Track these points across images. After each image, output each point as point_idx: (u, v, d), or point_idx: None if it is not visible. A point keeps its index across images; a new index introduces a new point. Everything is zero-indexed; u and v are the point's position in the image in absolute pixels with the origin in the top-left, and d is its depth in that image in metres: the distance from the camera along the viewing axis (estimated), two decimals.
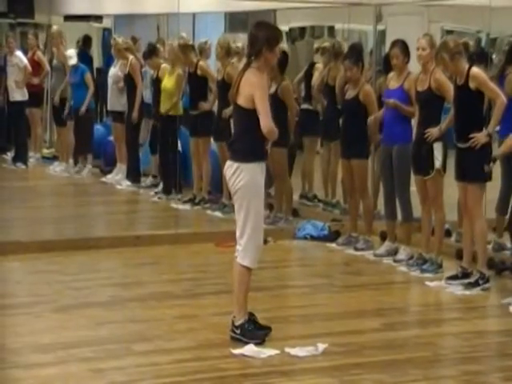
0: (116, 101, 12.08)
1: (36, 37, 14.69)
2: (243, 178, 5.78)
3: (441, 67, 7.37)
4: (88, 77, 12.59)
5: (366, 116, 8.52)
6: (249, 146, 5.80)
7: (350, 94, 8.61)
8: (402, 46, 8.08)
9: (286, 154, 9.41)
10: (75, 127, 12.81)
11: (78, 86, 12.62)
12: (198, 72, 10.52)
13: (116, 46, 11.92)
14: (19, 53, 13.82)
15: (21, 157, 13.69)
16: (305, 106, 10.61)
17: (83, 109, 12.47)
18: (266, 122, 5.72)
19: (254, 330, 5.79)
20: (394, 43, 8.17)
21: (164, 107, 10.88)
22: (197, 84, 10.57)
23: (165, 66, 11.36)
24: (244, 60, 6.03)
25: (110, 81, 12.18)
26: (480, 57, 8.78)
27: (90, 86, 12.55)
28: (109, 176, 12.35)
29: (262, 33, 5.81)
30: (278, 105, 9.06)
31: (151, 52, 11.44)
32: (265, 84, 5.82)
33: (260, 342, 5.71)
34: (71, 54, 12.94)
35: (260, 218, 5.84)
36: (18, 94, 13.58)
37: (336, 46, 10.27)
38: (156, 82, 11.36)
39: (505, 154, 7.37)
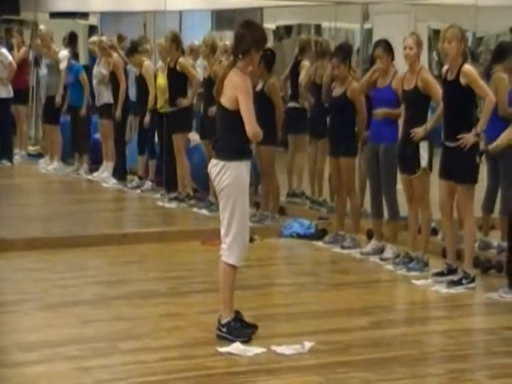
0: (103, 95, 12.03)
1: (21, 34, 14.63)
2: (228, 176, 5.77)
3: (445, 55, 7.24)
4: (83, 76, 12.49)
5: (353, 113, 8.53)
6: (233, 145, 5.79)
7: (337, 91, 8.61)
8: (385, 45, 8.09)
9: (273, 151, 9.41)
10: (72, 126, 12.76)
11: (73, 85, 12.58)
12: (178, 68, 10.49)
13: (100, 44, 11.91)
14: (4, 50, 13.76)
15: (6, 154, 13.64)
16: (292, 104, 10.60)
17: (83, 111, 12.42)
18: (251, 127, 5.71)
19: (240, 329, 5.79)
20: (377, 44, 8.22)
21: (159, 104, 10.92)
22: (176, 80, 10.50)
23: (148, 63, 11.36)
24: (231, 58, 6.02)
25: (94, 80, 12.14)
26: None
27: (85, 85, 12.46)
28: (95, 174, 12.33)
29: (249, 33, 5.79)
30: (264, 102, 9.07)
31: (133, 49, 11.42)
32: (249, 86, 5.79)
33: (246, 340, 5.71)
34: (62, 57, 12.88)
35: (245, 216, 5.83)
36: (3, 91, 13.52)
37: (323, 44, 10.28)
38: (140, 80, 11.33)
39: (499, 148, 7.28)
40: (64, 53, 13.13)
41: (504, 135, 7.19)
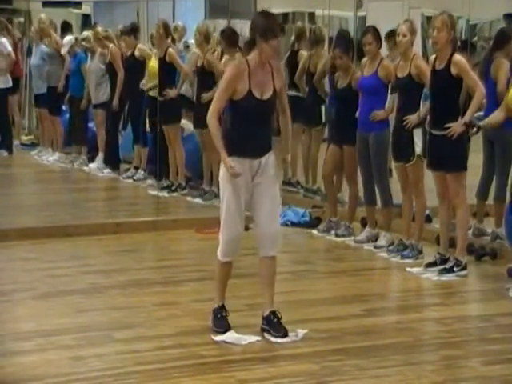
0: (100, 94, 11.94)
1: (12, 23, 14.56)
2: (220, 170, 5.70)
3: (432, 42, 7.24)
4: (85, 66, 12.26)
5: (357, 103, 8.48)
6: (226, 140, 5.64)
7: (341, 83, 8.54)
8: (374, 32, 8.10)
9: None
10: (70, 117, 12.67)
11: (74, 74, 12.42)
12: (167, 58, 10.43)
13: (96, 36, 11.81)
14: (4, 40, 13.66)
15: (5, 144, 13.59)
16: (293, 92, 10.51)
17: (84, 103, 12.24)
18: (209, 111, 5.62)
19: (221, 319, 5.71)
20: (366, 30, 8.23)
21: (146, 86, 10.94)
22: (165, 70, 10.43)
23: (140, 46, 11.31)
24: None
25: (92, 76, 11.96)
26: (462, 44, 8.80)
27: (85, 76, 12.21)
28: (90, 164, 12.28)
29: (253, 23, 5.64)
30: None
31: (132, 30, 11.35)
32: (227, 74, 5.62)
33: (220, 332, 5.63)
34: (65, 42, 12.75)
35: (231, 212, 5.63)
36: (2, 82, 13.45)
37: (317, 32, 10.25)
38: (131, 63, 11.29)
39: (489, 125, 7.30)
40: (68, 38, 12.97)
41: (494, 114, 7.24)
